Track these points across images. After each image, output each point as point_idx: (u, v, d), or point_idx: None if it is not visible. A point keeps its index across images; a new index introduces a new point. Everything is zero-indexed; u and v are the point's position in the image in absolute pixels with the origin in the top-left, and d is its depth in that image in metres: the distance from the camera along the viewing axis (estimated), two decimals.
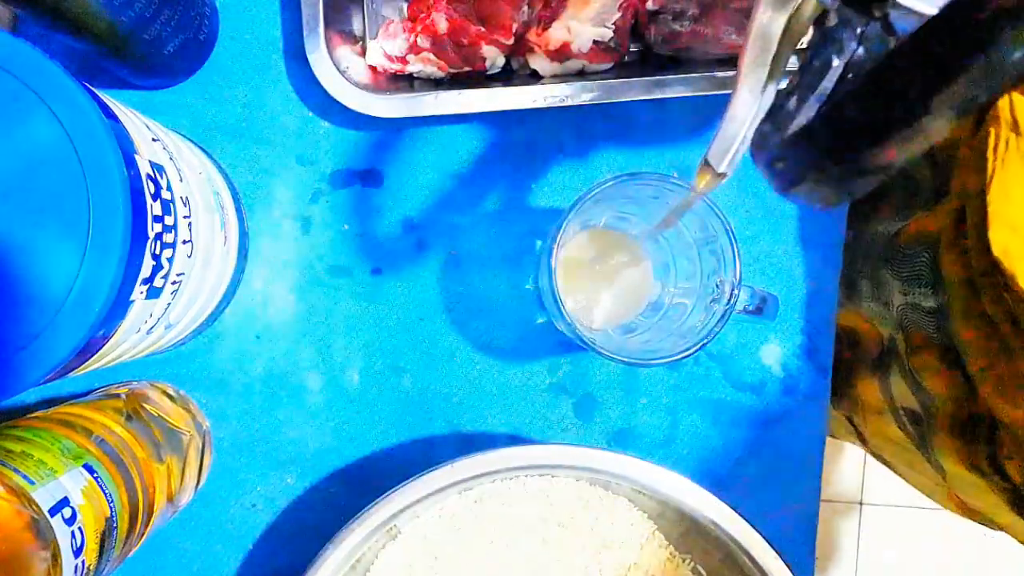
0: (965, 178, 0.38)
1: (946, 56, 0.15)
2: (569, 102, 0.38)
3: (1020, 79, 0.14)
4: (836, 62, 0.22)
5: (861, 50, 0.22)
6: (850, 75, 0.22)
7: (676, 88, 0.38)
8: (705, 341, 0.34)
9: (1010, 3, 0.14)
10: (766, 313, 0.36)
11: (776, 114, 0.23)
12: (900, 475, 0.57)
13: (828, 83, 0.22)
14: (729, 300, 0.34)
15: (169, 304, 0.32)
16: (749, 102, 0.25)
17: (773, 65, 0.24)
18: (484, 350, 0.43)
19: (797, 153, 0.21)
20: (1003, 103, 0.35)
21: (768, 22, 0.24)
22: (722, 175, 0.26)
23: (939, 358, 0.42)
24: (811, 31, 0.24)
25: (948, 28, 0.15)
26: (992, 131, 0.35)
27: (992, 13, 0.14)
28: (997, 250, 0.34)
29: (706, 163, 0.26)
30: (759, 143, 0.23)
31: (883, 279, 0.47)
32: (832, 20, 0.22)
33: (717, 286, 0.35)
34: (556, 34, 0.38)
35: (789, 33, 0.24)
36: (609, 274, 0.41)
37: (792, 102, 0.22)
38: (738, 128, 0.25)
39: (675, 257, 0.40)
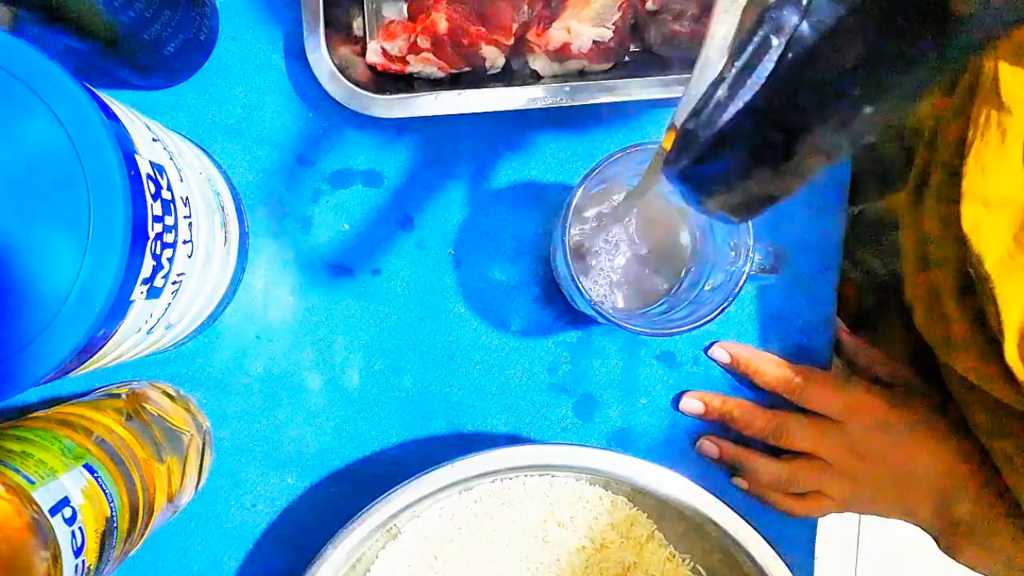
0: (942, 134, 0.37)
1: (805, 107, 0.14)
2: (569, 102, 0.38)
3: (883, 124, 0.14)
4: (776, 41, 0.19)
5: (805, 26, 0.19)
6: (790, 55, 0.19)
7: (676, 88, 0.38)
8: (726, 304, 0.34)
9: (854, 62, 0.13)
10: (783, 271, 0.36)
11: (703, 109, 0.20)
12: None
13: (767, 66, 0.19)
14: (745, 261, 0.34)
15: (169, 304, 0.32)
16: (717, 60, 0.22)
17: (742, 19, 0.22)
18: (484, 350, 0.43)
19: (697, 172, 0.19)
20: (987, 71, 0.33)
21: None
22: None
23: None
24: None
25: (804, 81, 0.15)
26: (976, 101, 0.34)
27: (839, 72, 0.13)
28: (967, 225, 0.33)
29: (674, 126, 0.24)
30: (682, 143, 0.20)
31: (860, 257, 0.48)
32: None
33: (732, 249, 0.35)
34: (556, 34, 0.38)
35: None
36: (644, 243, 0.41)
37: (722, 91, 0.20)
38: (705, 87, 0.22)
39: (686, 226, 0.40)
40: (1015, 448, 0.37)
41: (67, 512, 0.27)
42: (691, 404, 0.43)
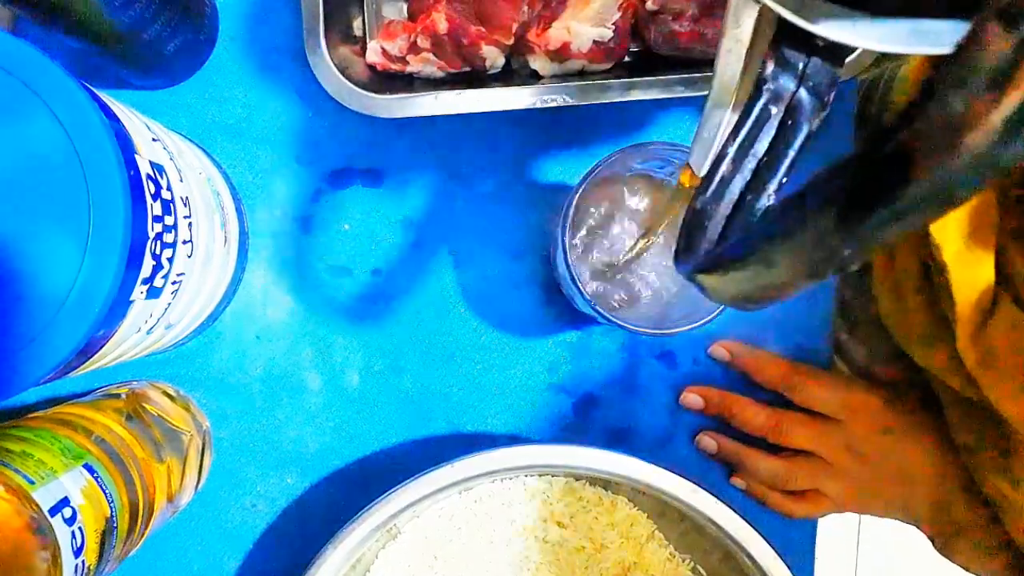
0: None
1: (788, 245, 0.15)
2: (569, 102, 0.38)
3: (867, 257, 0.15)
4: (775, 110, 0.20)
5: (803, 92, 0.20)
6: (790, 122, 0.20)
7: (676, 88, 0.38)
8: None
9: (830, 220, 0.14)
10: None
11: (709, 186, 0.21)
12: None
13: (768, 132, 0.20)
14: None
15: (169, 304, 0.32)
16: (724, 103, 0.23)
17: (747, 59, 0.22)
18: (484, 350, 0.43)
19: (701, 274, 0.19)
20: None
21: (740, 3, 0.21)
22: None
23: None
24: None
25: (781, 227, 0.15)
26: None
27: (815, 226, 0.14)
28: None
29: (688, 165, 0.26)
30: (692, 226, 0.21)
31: None
32: (768, 68, 0.20)
33: None
34: (556, 34, 0.38)
35: (764, 19, 0.21)
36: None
37: (726, 166, 0.20)
38: (715, 129, 0.24)
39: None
40: (976, 440, 0.37)
41: (67, 512, 0.27)
42: (691, 399, 0.43)
